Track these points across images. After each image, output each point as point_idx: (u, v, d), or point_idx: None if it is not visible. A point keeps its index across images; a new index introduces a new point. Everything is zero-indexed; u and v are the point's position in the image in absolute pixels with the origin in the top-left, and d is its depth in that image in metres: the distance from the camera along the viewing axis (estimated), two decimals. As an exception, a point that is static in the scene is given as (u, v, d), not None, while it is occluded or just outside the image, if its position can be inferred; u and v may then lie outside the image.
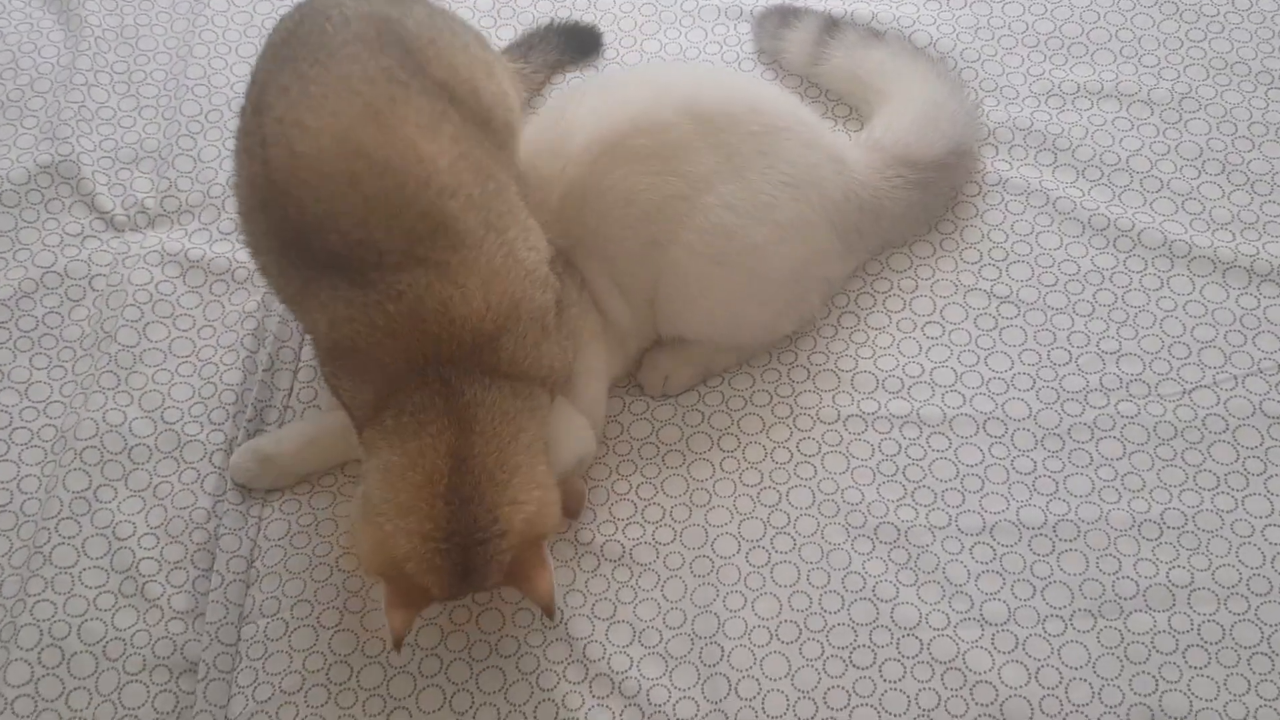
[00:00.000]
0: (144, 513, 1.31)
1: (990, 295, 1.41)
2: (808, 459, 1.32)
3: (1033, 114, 1.54)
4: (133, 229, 1.51)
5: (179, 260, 1.48)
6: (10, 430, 1.37)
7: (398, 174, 1.11)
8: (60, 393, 1.39)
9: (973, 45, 1.61)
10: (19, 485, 1.33)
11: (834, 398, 1.35)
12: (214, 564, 1.28)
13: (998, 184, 1.49)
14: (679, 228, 1.28)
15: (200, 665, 1.22)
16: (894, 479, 1.30)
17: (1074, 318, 1.39)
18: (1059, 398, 1.34)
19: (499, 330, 1.14)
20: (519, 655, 1.22)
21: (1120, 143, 1.51)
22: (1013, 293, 1.41)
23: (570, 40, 1.57)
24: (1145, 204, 1.46)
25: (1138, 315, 1.39)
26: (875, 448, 1.32)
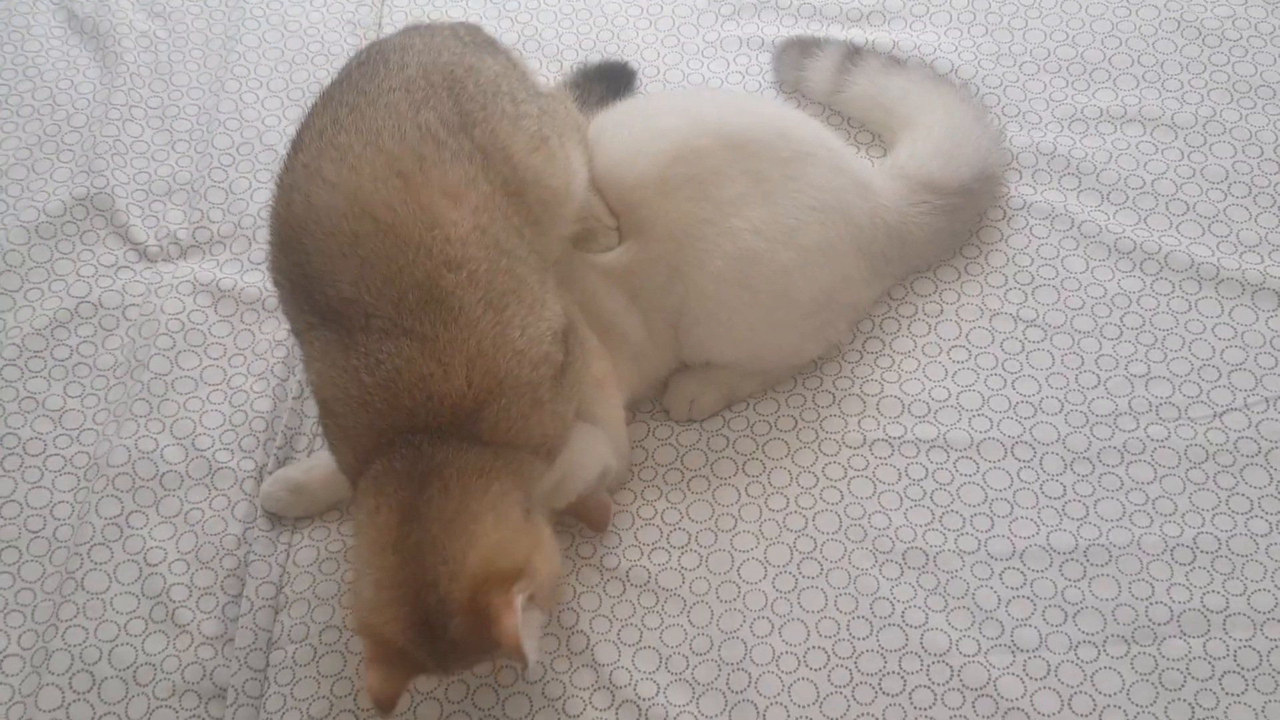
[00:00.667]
0: (175, 539, 1.32)
1: (1016, 319, 1.41)
2: (834, 484, 1.31)
3: (1056, 139, 1.54)
4: (165, 259, 1.53)
5: (211, 290, 1.50)
6: (44, 457, 1.38)
7: (401, 240, 1.09)
8: (93, 420, 1.41)
9: (994, 72, 1.61)
10: (52, 511, 1.35)
11: (860, 422, 1.35)
12: (243, 590, 1.29)
13: (1022, 208, 1.49)
14: (707, 253, 1.29)
15: (229, 690, 1.23)
16: (921, 504, 1.29)
17: (1101, 341, 1.38)
18: (1088, 421, 1.33)
19: (480, 405, 1.09)
20: (545, 681, 1.21)
21: (1145, 166, 1.51)
22: (1039, 316, 1.41)
23: (609, 81, 1.58)
24: (1171, 227, 1.46)
25: (1166, 338, 1.38)
26: (902, 472, 1.31)
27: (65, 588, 1.29)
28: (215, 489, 1.35)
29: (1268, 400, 1.33)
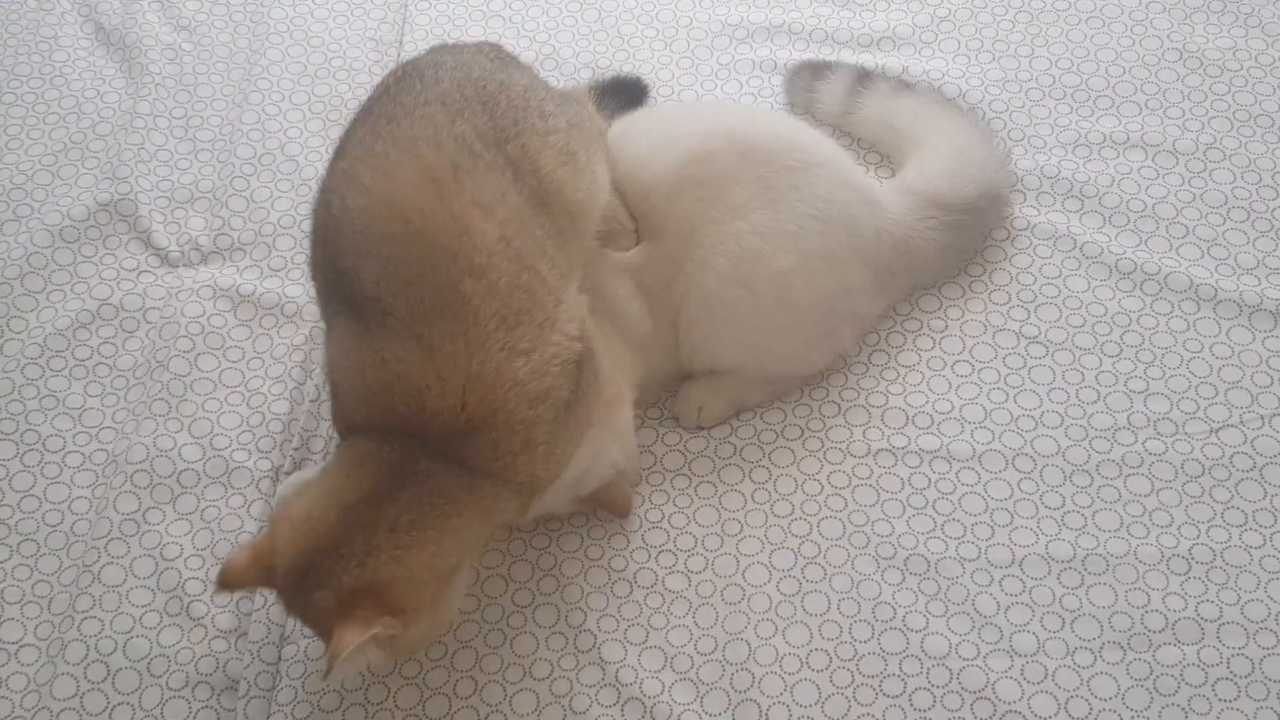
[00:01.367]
0: (191, 535, 1.34)
1: (1019, 335, 1.44)
2: (838, 491, 1.34)
3: (1060, 163, 1.58)
4: (186, 265, 1.57)
5: (230, 295, 1.53)
6: (63, 454, 1.41)
7: (429, 243, 1.12)
8: (112, 419, 1.44)
9: (1001, 97, 1.65)
10: (70, 506, 1.38)
11: (864, 432, 1.38)
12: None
13: (1026, 229, 1.53)
14: (711, 251, 1.33)
15: (241, 683, 1.25)
16: (924, 512, 1.32)
17: (1102, 358, 1.41)
18: (1087, 435, 1.36)
19: (471, 431, 1.11)
20: (552, 679, 1.23)
21: (1146, 190, 1.55)
22: (1041, 333, 1.44)
23: (622, 95, 1.62)
24: (1171, 249, 1.49)
25: (1165, 356, 1.41)
26: (905, 481, 1.34)
27: (82, 580, 1.31)
28: (232, 488, 1.38)
29: (1263, 417, 1.35)
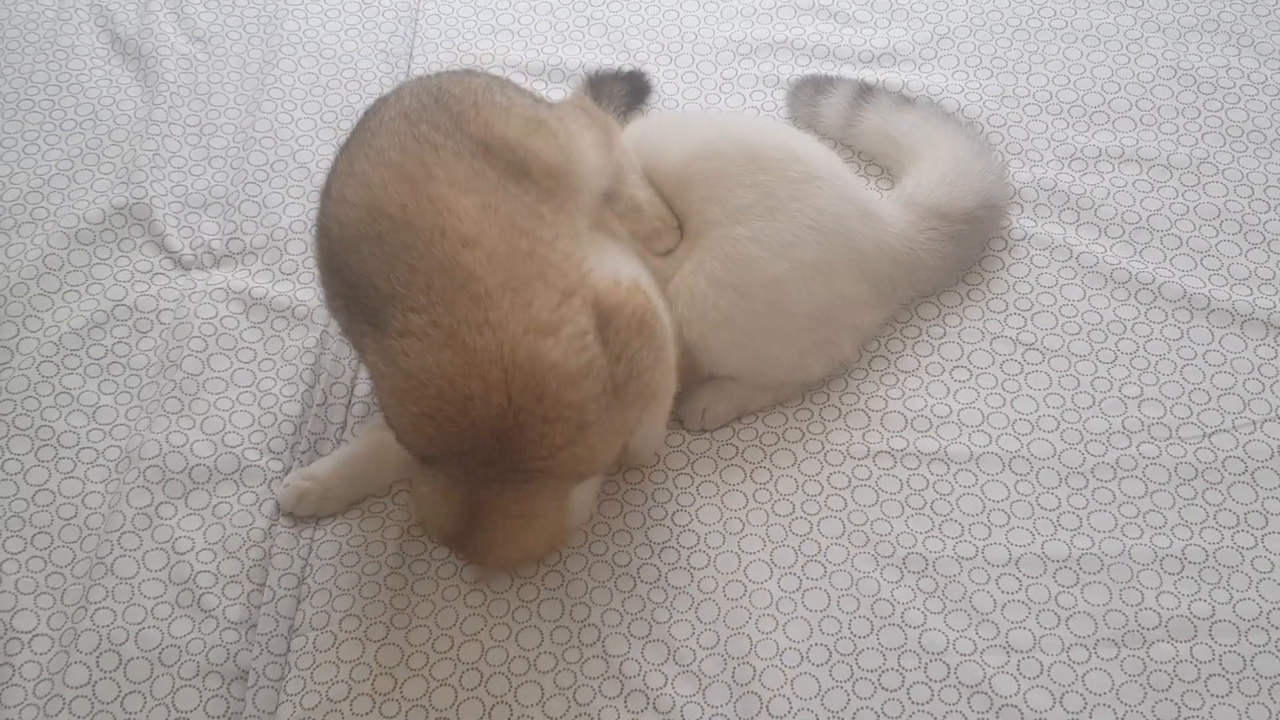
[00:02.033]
0: (202, 529, 1.37)
1: (1016, 342, 1.47)
2: (838, 492, 1.37)
3: (1057, 175, 1.61)
4: (199, 268, 1.59)
5: (242, 298, 1.56)
6: (77, 449, 1.44)
7: (416, 227, 1.18)
8: (125, 416, 1.46)
9: (999, 112, 1.69)
10: (84, 500, 1.40)
11: (864, 435, 1.41)
12: (267, 579, 1.33)
13: (1023, 239, 1.56)
14: (709, 252, 1.37)
15: (251, 673, 1.27)
16: (922, 512, 1.34)
17: (1097, 364, 1.44)
18: (1082, 439, 1.38)
19: (520, 426, 1.15)
20: (556, 671, 1.26)
21: (1140, 203, 1.58)
22: (1038, 340, 1.47)
23: (622, 86, 1.67)
24: (1165, 260, 1.53)
25: (1159, 363, 1.44)
26: (904, 482, 1.37)
27: (95, 572, 1.34)
28: (243, 485, 1.40)
29: (1254, 422, 1.38)
